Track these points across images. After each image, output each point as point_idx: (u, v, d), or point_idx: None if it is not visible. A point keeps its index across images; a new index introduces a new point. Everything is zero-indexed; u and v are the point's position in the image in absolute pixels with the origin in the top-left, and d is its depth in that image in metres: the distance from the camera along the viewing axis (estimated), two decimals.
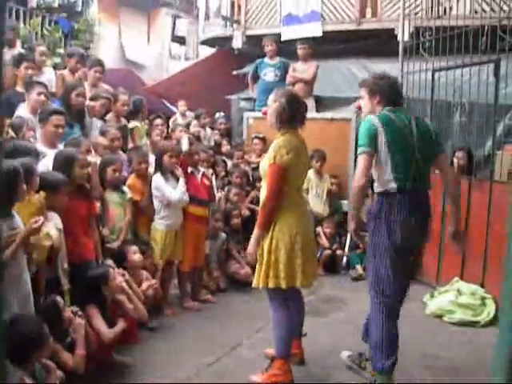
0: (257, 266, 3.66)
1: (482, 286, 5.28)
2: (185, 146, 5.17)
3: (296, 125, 3.67)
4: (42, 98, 4.99)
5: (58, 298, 3.43)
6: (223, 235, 5.88)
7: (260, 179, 6.63)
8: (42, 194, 3.50)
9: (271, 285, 3.57)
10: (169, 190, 4.93)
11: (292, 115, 3.60)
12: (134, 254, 4.51)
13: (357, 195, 3.44)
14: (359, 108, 3.75)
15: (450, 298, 5.17)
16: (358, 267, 6.55)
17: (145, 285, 4.49)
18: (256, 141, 7.20)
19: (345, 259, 6.78)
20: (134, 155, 5.16)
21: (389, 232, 3.36)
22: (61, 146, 4.47)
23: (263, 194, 3.63)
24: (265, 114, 3.82)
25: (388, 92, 3.50)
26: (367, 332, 3.66)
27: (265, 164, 3.62)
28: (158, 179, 4.99)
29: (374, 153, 3.34)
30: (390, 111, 3.44)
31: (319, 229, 6.74)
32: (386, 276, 3.45)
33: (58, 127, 4.51)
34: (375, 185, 3.51)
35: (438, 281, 6.04)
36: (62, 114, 4.61)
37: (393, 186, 3.34)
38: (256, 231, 3.59)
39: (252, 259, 3.64)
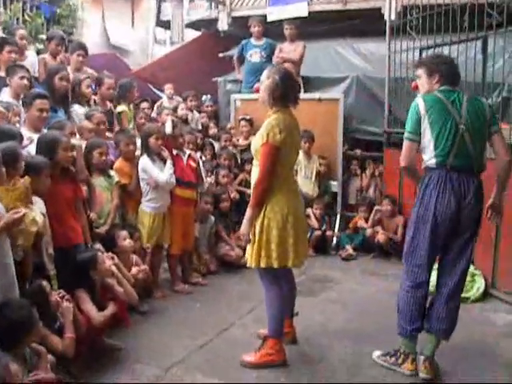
0: (249, 246, 3.63)
1: (472, 262, 5.29)
2: (168, 129, 5.11)
3: (289, 103, 3.61)
4: (25, 82, 4.89)
5: (44, 283, 3.38)
6: (212, 218, 5.85)
7: (249, 162, 6.62)
8: (28, 178, 3.43)
9: (263, 264, 3.55)
10: (156, 172, 4.88)
11: (285, 93, 3.54)
12: (124, 240, 4.47)
13: (406, 176, 3.64)
14: (415, 88, 3.71)
15: None
16: (348, 247, 6.57)
17: (134, 269, 4.45)
18: (243, 123, 7.14)
19: (335, 240, 6.80)
20: (121, 137, 5.09)
21: (424, 204, 3.46)
22: (45, 131, 4.40)
23: (255, 173, 3.59)
24: (257, 90, 3.74)
25: (446, 71, 3.51)
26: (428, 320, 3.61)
27: (257, 143, 3.57)
28: (144, 161, 4.93)
29: (417, 138, 3.46)
30: (442, 92, 3.46)
31: (309, 210, 6.72)
32: (415, 245, 3.53)
33: (42, 111, 4.42)
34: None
35: None
36: (46, 98, 4.52)
37: (432, 161, 3.44)
38: (248, 211, 3.56)
39: (245, 240, 3.59)
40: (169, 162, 4.94)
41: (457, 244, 3.48)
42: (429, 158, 3.47)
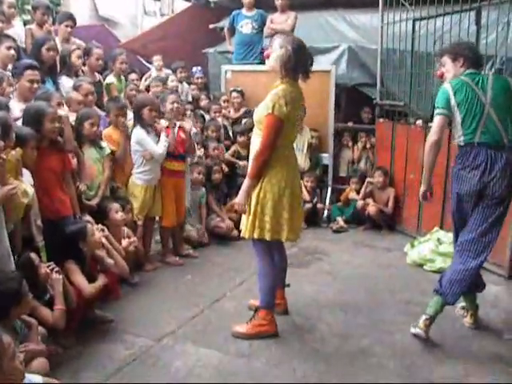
0: (244, 217, 3.62)
1: None
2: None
3: (298, 76, 3.52)
4: (12, 52, 4.81)
5: (33, 255, 3.36)
6: (203, 189, 5.82)
7: (240, 134, 6.58)
8: (19, 150, 3.39)
9: (256, 235, 3.54)
10: (152, 145, 4.83)
11: (297, 65, 3.45)
12: (117, 213, 4.45)
13: (428, 152, 3.65)
14: (441, 76, 3.83)
15: (431, 247, 5.23)
16: (339, 219, 6.58)
17: (125, 242, 4.44)
18: (234, 94, 7.07)
19: (326, 212, 6.80)
20: (111, 106, 5.01)
21: (457, 179, 3.65)
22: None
23: (256, 143, 3.53)
24: (267, 56, 3.61)
25: (470, 53, 3.68)
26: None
27: (260, 113, 3.48)
28: (139, 133, 4.88)
29: (449, 113, 3.60)
30: (467, 75, 3.61)
31: (300, 182, 6.70)
32: (456, 219, 3.78)
33: (32, 82, 4.35)
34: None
35: (418, 231, 6.10)
36: (37, 69, 4.44)
37: (461, 139, 3.61)
38: (247, 181, 3.51)
39: (240, 209, 3.55)
40: (163, 134, 4.89)
41: (480, 210, 3.59)
42: (458, 136, 3.64)
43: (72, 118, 4.42)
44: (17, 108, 4.16)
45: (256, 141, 3.54)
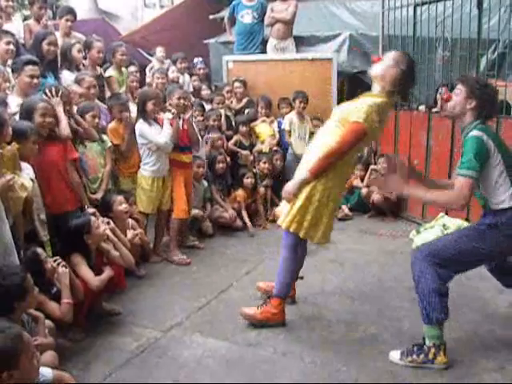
0: (287, 205, 3.57)
1: (468, 220, 5.31)
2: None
3: (397, 94, 3.45)
4: (11, 47, 4.80)
5: (39, 250, 3.37)
6: (205, 183, 5.83)
7: (243, 124, 6.55)
8: (15, 145, 3.38)
9: (292, 229, 3.52)
10: (154, 135, 4.81)
11: (403, 87, 3.37)
12: (120, 205, 4.45)
13: (446, 205, 3.34)
14: (447, 100, 3.28)
15: (436, 233, 5.20)
16: (344, 207, 6.54)
17: (130, 234, 4.45)
18: (237, 84, 7.03)
19: None
20: (114, 103, 5.02)
21: (486, 245, 3.14)
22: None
23: (327, 137, 3.42)
24: (377, 60, 3.49)
25: (488, 103, 3.16)
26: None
27: (351, 112, 3.35)
28: (142, 126, 4.85)
29: (479, 177, 3.05)
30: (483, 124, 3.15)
31: None
32: (464, 262, 3.21)
33: (32, 77, 4.33)
34: (492, 201, 3.14)
35: (423, 217, 6.09)
36: (37, 64, 4.44)
37: (505, 203, 3.08)
38: (305, 175, 3.42)
39: (287, 198, 3.51)
40: (166, 123, 4.86)
41: None
42: (501, 199, 3.10)
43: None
44: (15, 103, 4.16)
45: (327, 136, 3.44)
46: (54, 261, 3.38)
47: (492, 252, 3.18)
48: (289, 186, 3.49)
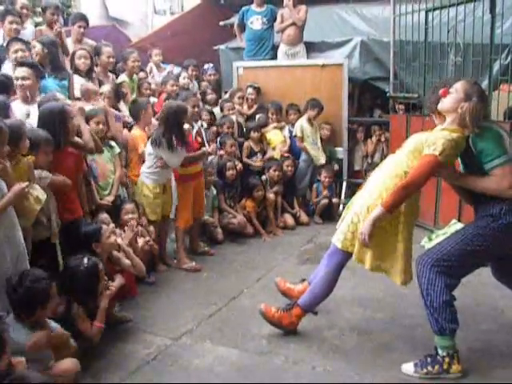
0: (348, 224, 3.42)
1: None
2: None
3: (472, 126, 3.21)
4: (20, 54, 4.82)
5: (100, 264, 3.47)
6: (214, 190, 5.82)
7: (254, 129, 6.52)
8: (31, 157, 3.39)
9: (350, 249, 3.41)
10: (168, 155, 4.68)
11: (477, 118, 3.14)
12: (127, 214, 4.49)
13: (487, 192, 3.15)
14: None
15: None
16: None
17: (141, 241, 4.43)
18: (250, 90, 6.99)
19: (341, 207, 6.74)
20: (138, 107, 5.17)
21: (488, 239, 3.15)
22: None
23: (399, 164, 3.32)
24: (445, 93, 3.24)
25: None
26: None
27: (424, 145, 3.18)
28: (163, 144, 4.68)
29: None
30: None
31: (318, 177, 6.72)
32: (466, 264, 3.26)
33: (23, 79, 4.35)
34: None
35: (435, 224, 6.04)
36: (27, 66, 4.43)
37: None
38: (379, 211, 3.21)
39: (364, 242, 3.26)
40: (183, 150, 4.78)
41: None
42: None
43: (88, 107, 4.51)
44: (18, 110, 4.22)
45: (398, 167, 3.32)
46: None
47: (494, 246, 3.18)
48: (363, 227, 3.25)
